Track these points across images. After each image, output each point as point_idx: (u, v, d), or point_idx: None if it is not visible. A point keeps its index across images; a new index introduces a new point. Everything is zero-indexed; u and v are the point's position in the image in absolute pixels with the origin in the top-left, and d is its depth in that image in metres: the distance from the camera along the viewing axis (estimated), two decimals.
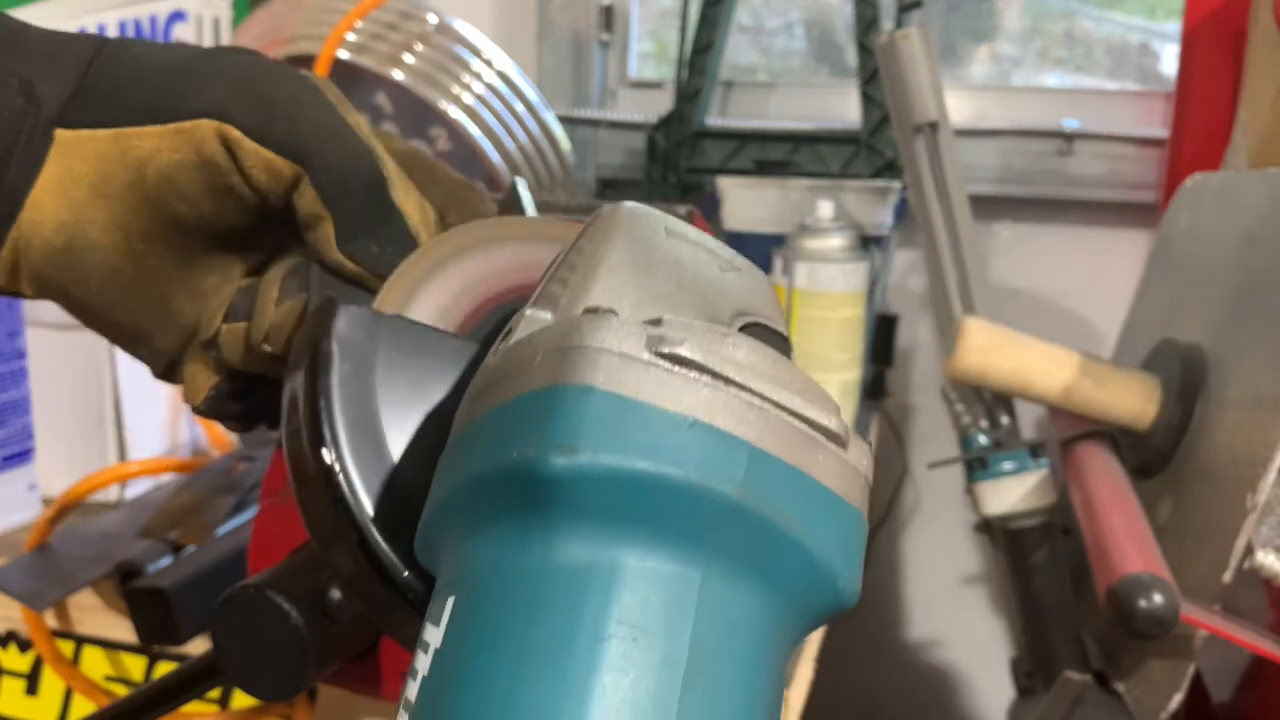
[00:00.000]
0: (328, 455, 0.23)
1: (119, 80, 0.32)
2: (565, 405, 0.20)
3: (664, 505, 0.20)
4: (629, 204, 0.26)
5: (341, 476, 0.23)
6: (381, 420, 0.24)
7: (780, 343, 0.26)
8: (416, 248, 0.32)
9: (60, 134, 0.31)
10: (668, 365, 0.21)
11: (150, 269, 0.34)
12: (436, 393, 0.26)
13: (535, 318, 0.23)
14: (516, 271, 0.30)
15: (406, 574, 0.23)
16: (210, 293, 0.35)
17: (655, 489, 0.20)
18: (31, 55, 0.32)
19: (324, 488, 0.23)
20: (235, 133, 0.31)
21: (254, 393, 0.35)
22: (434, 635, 0.20)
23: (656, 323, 0.21)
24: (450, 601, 0.21)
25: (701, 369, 0.21)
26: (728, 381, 0.21)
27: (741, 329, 0.26)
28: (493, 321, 0.29)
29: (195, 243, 0.34)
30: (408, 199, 0.33)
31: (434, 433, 0.25)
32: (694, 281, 0.25)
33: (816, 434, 0.22)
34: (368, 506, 0.23)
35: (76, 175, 0.32)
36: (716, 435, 0.20)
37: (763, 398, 0.21)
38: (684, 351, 0.21)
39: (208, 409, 0.35)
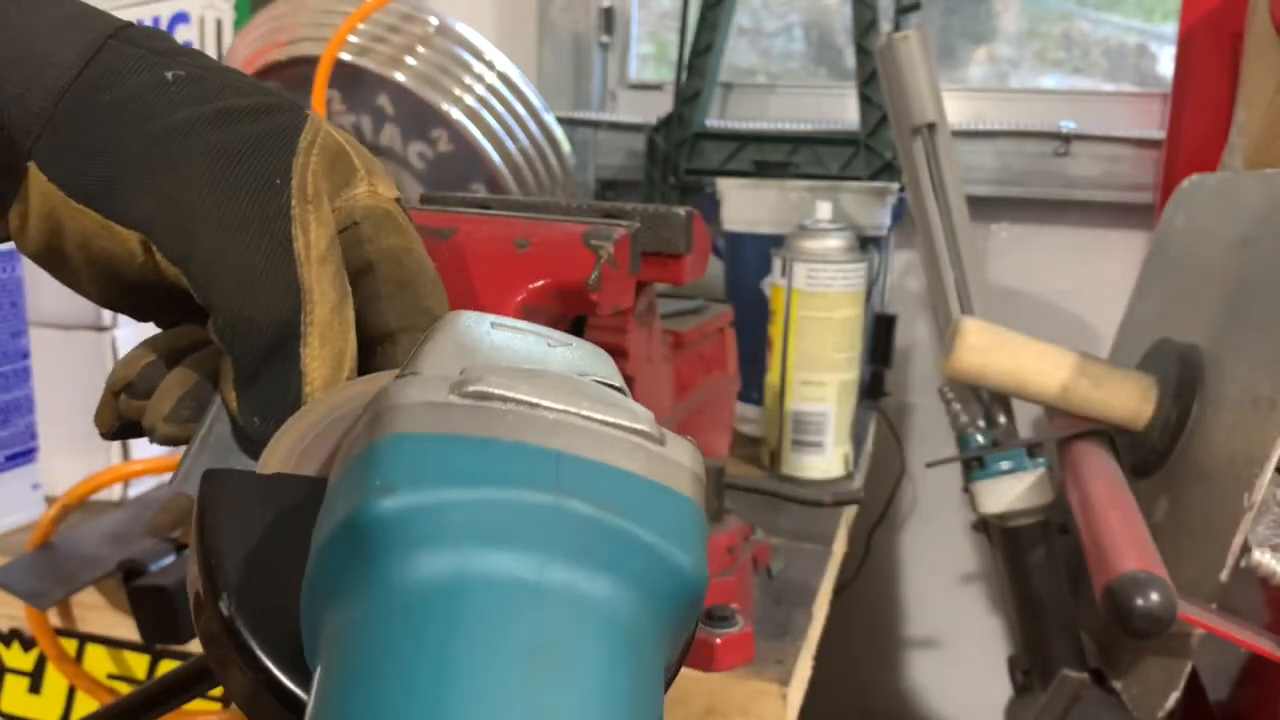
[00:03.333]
0: (224, 606, 0.24)
1: (80, 139, 0.31)
2: (380, 454, 0.21)
3: (489, 520, 0.20)
4: (458, 311, 0.28)
5: (240, 624, 0.24)
6: (276, 568, 0.25)
7: (618, 390, 0.27)
8: None
9: (32, 169, 0.31)
10: (472, 402, 0.22)
11: (112, 297, 0.34)
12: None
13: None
14: None
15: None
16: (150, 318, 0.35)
17: (477, 507, 0.21)
18: (6, 68, 0.31)
19: (228, 639, 0.24)
20: (157, 254, 0.31)
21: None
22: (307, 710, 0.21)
23: (461, 373, 0.23)
24: (317, 672, 0.22)
25: (505, 399, 0.23)
26: (532, 405, 0.23)
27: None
28: None
29: (144, 296, 0.34)
30: (320, 354, 0.31)
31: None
32: (521, 358, 0.27)
33: (629, 435, 0.23)
34: (264, 658, 0.24)
35: (38, 214, 0.32)
36: (525, 450, 0.22)
37: (568, 413, 0.23)
38: (485, 387, 0.23)
39: (111, 438, 0.36)
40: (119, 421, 0.35)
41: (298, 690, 0.24)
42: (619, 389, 0.27)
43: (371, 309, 0.34)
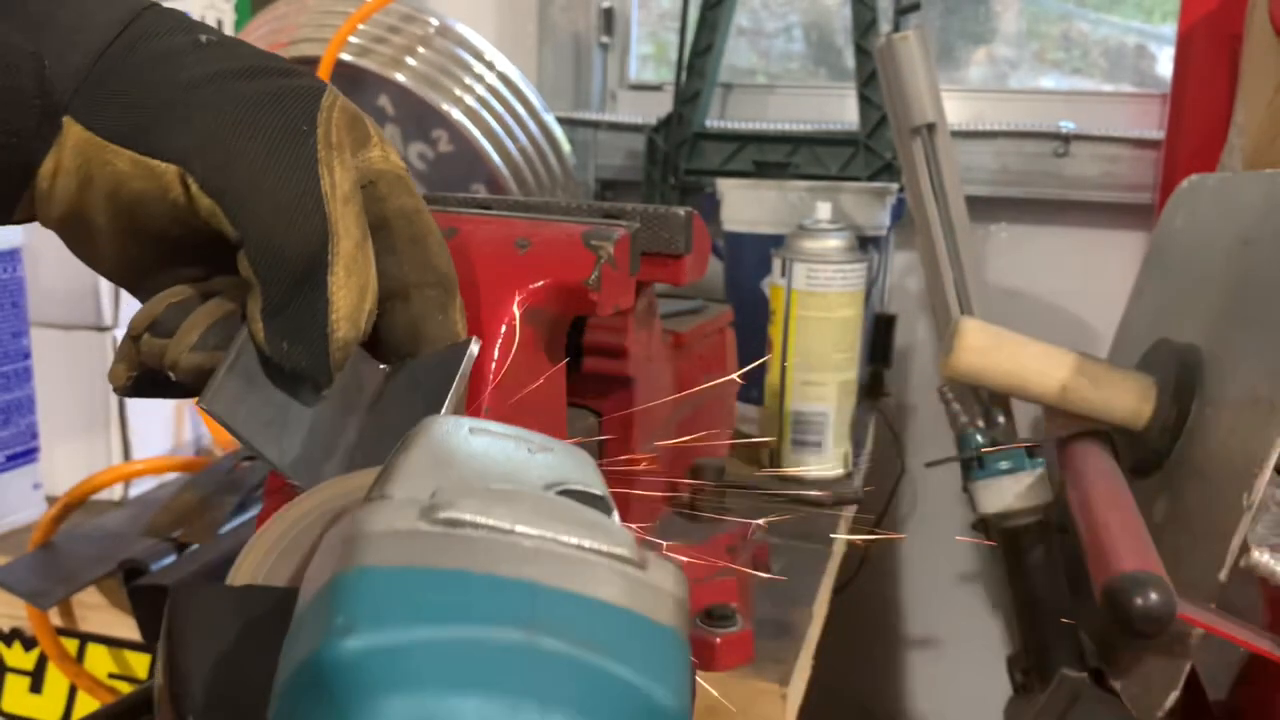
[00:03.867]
0: None
1: (119, 87, 0.33)
2: (342, 590, 0.20)
3: (456, 661, 0.20)
4: (435, 416, 0.28)
5: None
6: (245, 691, 0.24)
7: (598, 503, 0.26)
8: (327, 348, 0.32)
9: (67, 122, 0.33)
10: (442, 529, 0.22)
11: (132, 258, 0.35)
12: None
13: (331, 533, 0.24)
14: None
15: None
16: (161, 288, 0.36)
17: (444, 647, 0.20)
18: (50, 29, 0.32)
19: None
20: (194, 185, 0.32)
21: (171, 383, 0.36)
22: None
23: (432, 494, 0.22)
24: None
25: (476, 525, 0.22)
26: (505, 532, 0.22)
27: (556, 494, 0.26)
28: None
29: (165, 247, 0.35)
30: (346, 284, 0.32)
31: None
32: (499, 465, 0.26)
33: (609, 561, 0.22)
34: None
35: (69, 167, 0.33)
36: (497, 583, 0.21)
37: (544, 538, 0.22)
38: (456, 513, 0.22)
39: (123, 393, 0.36)
40: (137, 371, 0.35)
41: None
42: (600, 496, 0.26)
43: (385, 264, 0.35)
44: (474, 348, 0.35)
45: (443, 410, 0.34)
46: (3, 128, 0.32)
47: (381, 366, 0.36)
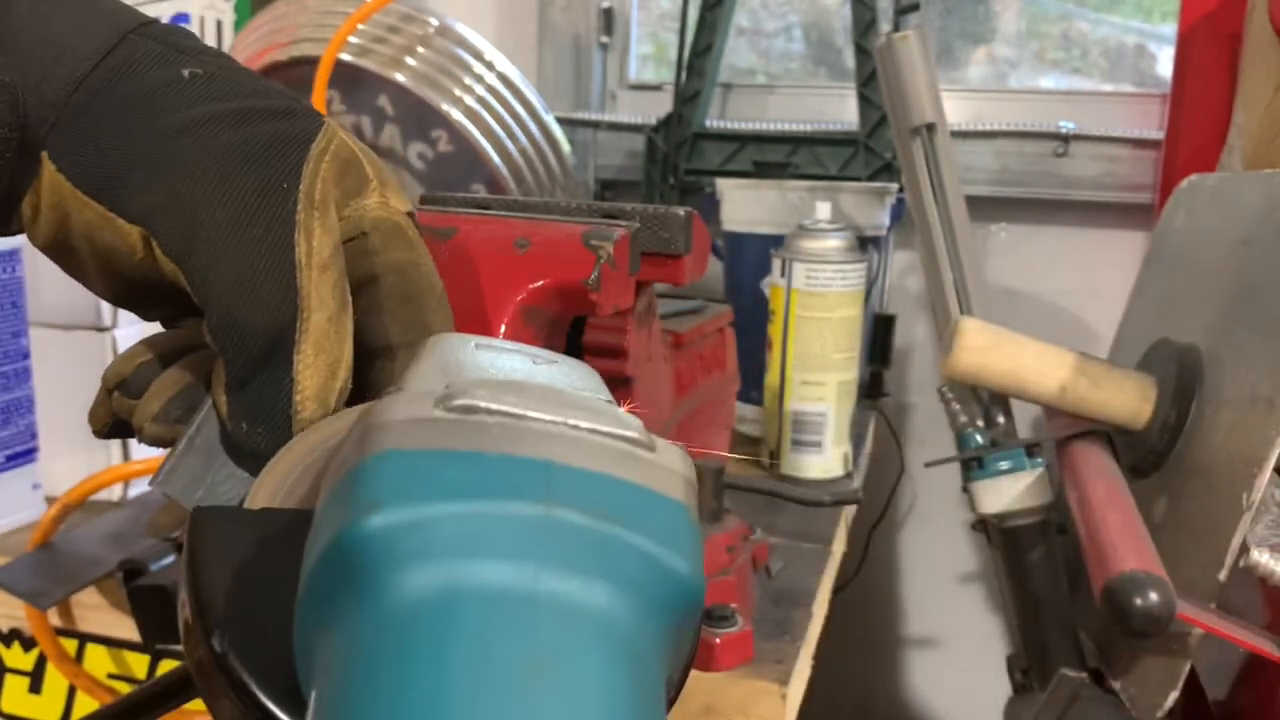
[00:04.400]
0: (216, 643, 0.24)
1: (92, 128, 0.31)
2: (366, 473, 0.21)
3: (479, 533, 0.20)
4: (442, 333, 0.28)
5: (232, 659, 0.24)
6: (267, 604, 0.25)
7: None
8: (290, 430, 0.30)
9: (44, 159, 0.31)
10: (458, 415, 0.22)
11: (118, 292, 0.34)
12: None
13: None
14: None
15: None
16: (154, 315, 0.35)
17: (466, 520, 0.20)
18: (27, 56, 0.30)
19: (219, 674, 0.24)
20: (157, 249, 0.31)
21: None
22: None
23: (446, 387, 0.23)
24: (312, 698, 0.21)
25: (491, 412, 0.22)
26: (519, 417, 0.23)
27: None
28: None
29: (145, 290, 0.34)
30: (314, 363, 0.30)
31: None
32: (506, 374, 0.27)
33: (618, 443, 0.23)
34: (258, 691, 0.24)
35: (46, 204, 0.32)
36: (513, 461, 0.22)
37: (555, 423, 0.23)
38: (470, 400, 0.22)
39: (102, 436, 0.36)
40: (112, 419, 0.35)
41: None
42: (606, 401, 0.27)
43: (373, 321, 0.33)
44: None
45: None
46: None
47: None
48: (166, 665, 0.70)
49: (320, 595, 0.21)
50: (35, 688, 0.73)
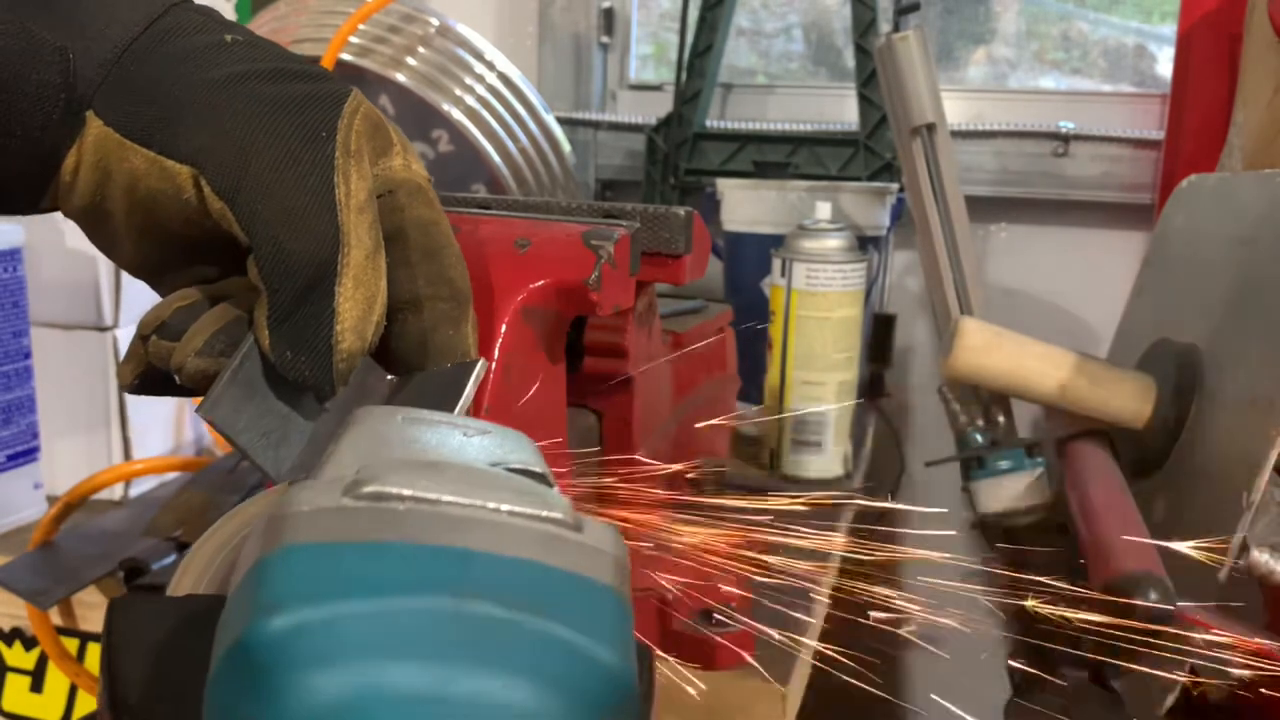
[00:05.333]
0: None
1: (141, 84, 0.33)
2: (268, 569, 0.20)
3: (386, 631, 0.19)
4: (369, 407, 0.28)
5: None
6: (183, 693, 0.24)
7: (538, 479, 0.26)
8: (331, 359, 0.32)
9: (89, 117, 0.33)
10: (367, 503, 0.21)
11: (149, 254, 0.36)
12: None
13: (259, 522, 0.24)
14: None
15: None
16: (180, 285, 0.36)
17: (373, 619, 0.19)
18: (77, 25, 0.33)
19: None
20: (206, 188, 0.32)
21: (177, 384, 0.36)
22: None
23: (357, 472, 0.22)
24: None
25: (402, 498, 0.21)
26: (433, 502, 0.21)
27: (508, 469, 0.26)
28: None
29: (181, 246, 0.35)
30: (354, 295, 0.32)
31: None
32: (433, 448, 0.26)
33: (543, 525, 0.22)
34: None
35: (89, 162, 0.33)
36: (424, 551, 0.20)
37: (474, 506, 0.22)
38: (380, 487, 0.21)
39: (130, 390, 0.36)
40: (143, 370, 0.35)
41: None
42: (540, 474, 0.26)
43: (399, 275, 0.35)
44: (480, 369, 0.35)
45: None
46: (31, 120, 0.32)
47: (389, 377, 0.36)
48: None
49: (224, 698, 0.20)
50: (37, 687, 0.73)
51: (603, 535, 0.23)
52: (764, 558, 0.63)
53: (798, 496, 0.74)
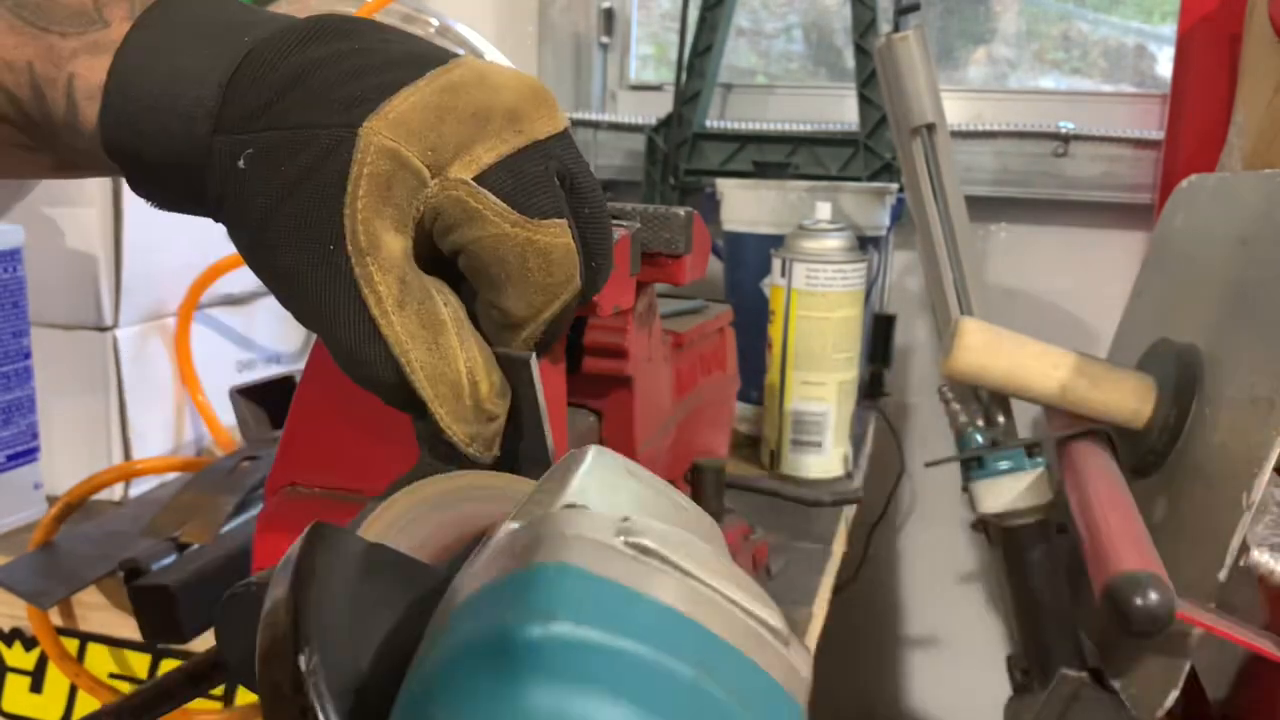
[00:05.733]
0: (304, 661, 0.24)
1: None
2: (544, 580, 0.22)
3: (628, 675, 0.20)
4: (595, 446, 0.29)
5: (314, 681, 0.24)
6: (355, 635, 0.25)
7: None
8: (469, 453, 0.34)
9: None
10: (634, 553, 0.23)
11: None
12: (408, 612, 0.27)
13: (513, 526, 0.25)
14: (482, 520, 0.31)
15: None
16: None
17: (621, 659, 0.21)
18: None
19: (294, 696, 0.24)
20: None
21: None
22: None
23: (625, 519, 0.24)
24: None
25: (664, 560, 0.23)
26: (686, 574, 0.23)
27: None
28: (462, 556, 0.31)
29: None
30: (440, 394, 0.33)
31: (400, 650, 0.26)
32: (660, 514, 0.27)
33: (763, 630, 0.23)
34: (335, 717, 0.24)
35: None
36: (677, 618, 0.22)
37: (718, 591, 0.23)
38: (649, 543, 0.23)
39: None
40: None
41: None
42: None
43: (488, 296, 0.34)
44: (534, 363, 0.35)
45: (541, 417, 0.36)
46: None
47: None
48: (168, 665, 0.70)
49: (456, 674, 0.21)
50: (36, 687, 0.73)
51: (802, 657, 0.24)
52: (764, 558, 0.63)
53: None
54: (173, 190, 0.35)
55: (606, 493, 0.26)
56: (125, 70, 0.33)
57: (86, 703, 0.71)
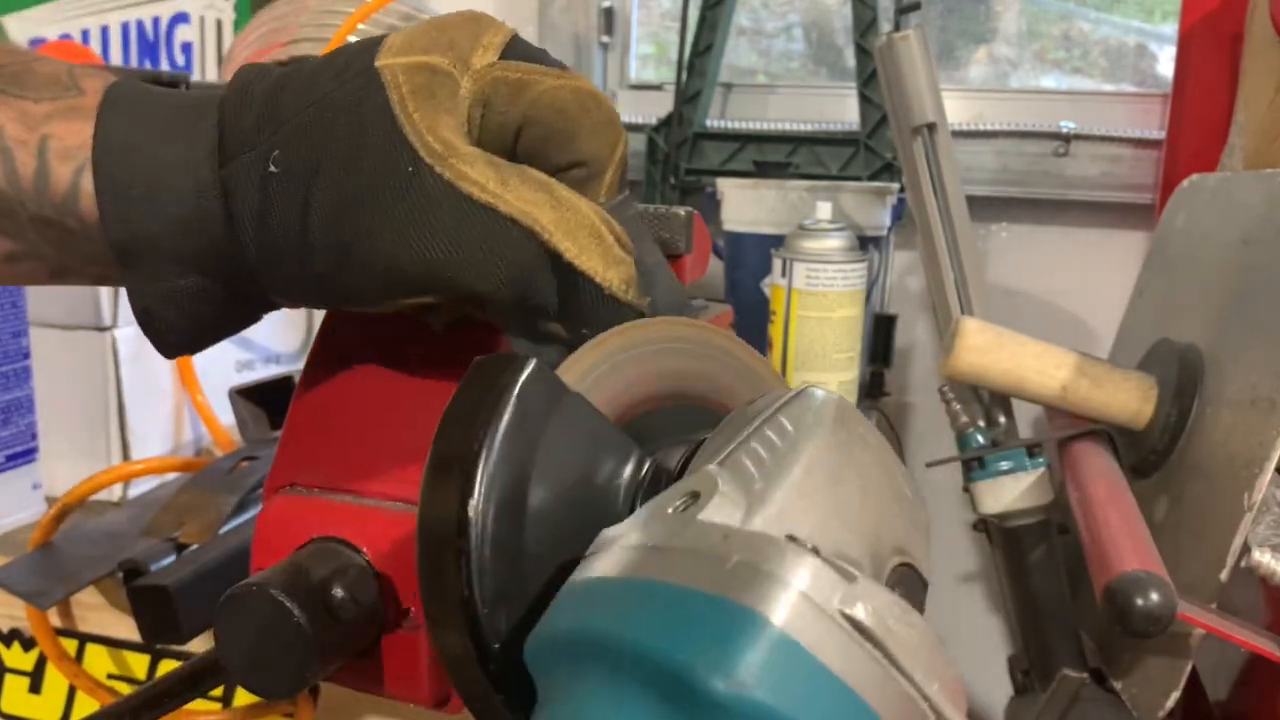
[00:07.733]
0: (471, 509, 0.23)
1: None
2: (746, 632, 0.20)
3: None
4: (839, 399, 0.27)
5: (475, 532, 0.23)
6: (530, 487, 0.24)
7: (921, 590, 0.27)
8: (624, 311, 0.32)
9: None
10: (850, 630, 0.21)
11: None
12: (588, 477, 0.26)
13: (726, 496, 0.23)
14: (669, 379, 0.30)
15: (494, 666, 0.24)
16: None
17: None
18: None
19: (454, 542, 0.23)
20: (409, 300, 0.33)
21: None
22: None
23: (850, 577, 0.22)
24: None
25: (875, 642, 0.21)
26: (892, 662, 0.22)
27: (895, 567, 0.26)
28: (643, 424, 0.30)
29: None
30: (583, 244, 0.32)
31: (573, 518, 0.25)
32: (873, 502, 0.26)
33: None
34: (479, 586, 0.23)
35: None
36: (863, 712, 0.21)
37: (915, 686, 0.22)
38: (863, 617, 0.21)
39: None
40: None
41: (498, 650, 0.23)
42: (925, 581, 0.27)
43: (564, 155, 0.34)
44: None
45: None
46: None
47: None
48: (166, 666, 0.70)
49: (618, 664, 0.21)
50: (35, 688, 0.73)
51: None
52: None
53: None
54: (190, 262, 0.33)
55: (831, 484, 0.24)
56: (109, 156, 0.33)
57: (85, 703, 0.71)
